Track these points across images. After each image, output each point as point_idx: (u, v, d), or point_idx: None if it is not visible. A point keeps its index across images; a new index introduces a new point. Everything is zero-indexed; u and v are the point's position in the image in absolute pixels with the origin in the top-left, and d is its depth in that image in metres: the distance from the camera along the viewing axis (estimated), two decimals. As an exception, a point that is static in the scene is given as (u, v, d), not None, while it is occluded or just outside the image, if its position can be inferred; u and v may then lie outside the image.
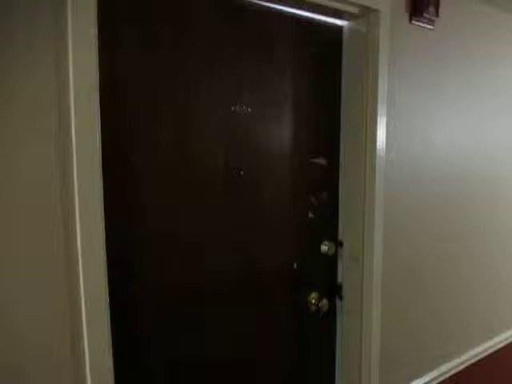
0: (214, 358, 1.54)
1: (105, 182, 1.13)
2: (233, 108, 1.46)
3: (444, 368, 2.31)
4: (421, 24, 1.89)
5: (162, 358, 1.41)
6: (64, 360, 1.09)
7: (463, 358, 2.43)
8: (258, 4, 1.49)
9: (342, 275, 1.85)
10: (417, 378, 2.18)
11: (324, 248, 1.77)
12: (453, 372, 2.36)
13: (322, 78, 1.71)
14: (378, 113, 1.71)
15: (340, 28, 1.76)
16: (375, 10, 1.67)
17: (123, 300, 1.30)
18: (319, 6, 1.55)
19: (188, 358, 1.47)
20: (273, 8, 1.53)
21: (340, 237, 1.83)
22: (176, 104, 1.35)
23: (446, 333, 2.31)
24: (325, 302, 1.77)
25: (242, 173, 1.50)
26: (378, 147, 1.72)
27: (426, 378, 2.22)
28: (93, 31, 1.07)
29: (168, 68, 1.32)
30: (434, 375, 2.26)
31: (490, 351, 2.61)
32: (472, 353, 2.49)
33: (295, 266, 1.71)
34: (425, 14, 1.86)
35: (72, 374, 1.10)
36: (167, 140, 1.34)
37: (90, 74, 1.07)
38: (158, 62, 1.30)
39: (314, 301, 1.77)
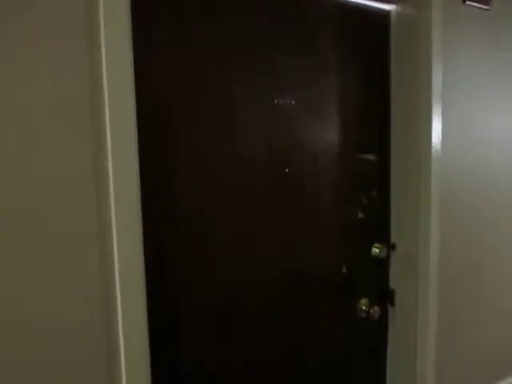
0: (254, 365, 1.43)
1: (142, 178, 1.05)
2: (276, 101, 1.35)
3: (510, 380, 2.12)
4: (475, 4, 1.73)
5: (200, 362, 1.32)
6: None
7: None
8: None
9: (395, 280, 1.71)
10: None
11: (375, 251, 1.63)
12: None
13: (369, 67, 1.59)
14: (433, 104, 1.57)
15: (387, 13, 1.63)
16: (426, -9, 1.53)
17: (161, 303, 1.22)
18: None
19: (225, 363, 1.37)
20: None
21: (392, 239, 1.69)
22: (216, 98, 1.26)
23: None
24: (376, 308, 1.63)
25: (287, 170, 1.39)
26: (433, 141, 1.57)
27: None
28: (127, 28, 1.00)
29: (207, 62, 1.23)
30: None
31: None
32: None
33: (344, 269, 1.59)
34: (480, -7, 1.70)
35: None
36: (207, 136, 1.25)
37: (124, 67, 1.00)
38: (197, 57, 1.21)
39: (363, 307, 1.64)
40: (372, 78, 1.60)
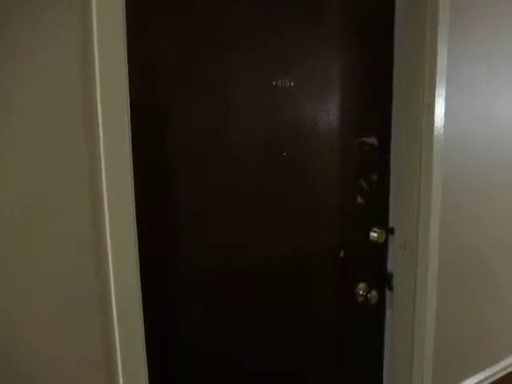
0: (251, 349, 1.45)
1: (134, 163, 1.03)
2: (274, 82, 1.32)
3: (504, 364, 2.13)
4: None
5: (194, 348, 1.33)
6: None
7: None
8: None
9: (393, 264, 1.70)
10: (474, 374, 2.02)
11: (373, 235, 1.62)
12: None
13: (372, 44, 1.54)
14: (436, 87, 1.53)
15: (392, -9, 1.57)
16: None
17: (158, 291, 1.23)
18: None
19: (222, 348, 1.39)
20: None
21: (391, 223, 1.68)
22: (210, 80, 1.23)
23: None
24: (374, 293, 1.63)
25: (284, 154, 1.38)
26: (436, 124, 1.54)
27: (482, 376, 2.05)
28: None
29: (200, 40, 1.19)
30: (493, 371, 2.08)
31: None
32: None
33: (342, 254, 1.58)
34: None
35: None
36: (201, 119, 1.23)
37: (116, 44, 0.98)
38: (189, 33, 1.17)
39: (361, 292, 1.64)
40: (374, 59, 1.56)
